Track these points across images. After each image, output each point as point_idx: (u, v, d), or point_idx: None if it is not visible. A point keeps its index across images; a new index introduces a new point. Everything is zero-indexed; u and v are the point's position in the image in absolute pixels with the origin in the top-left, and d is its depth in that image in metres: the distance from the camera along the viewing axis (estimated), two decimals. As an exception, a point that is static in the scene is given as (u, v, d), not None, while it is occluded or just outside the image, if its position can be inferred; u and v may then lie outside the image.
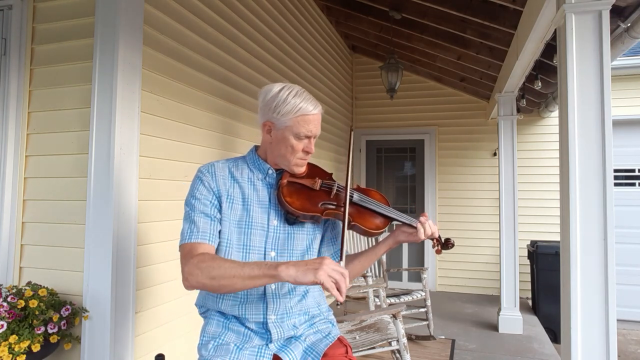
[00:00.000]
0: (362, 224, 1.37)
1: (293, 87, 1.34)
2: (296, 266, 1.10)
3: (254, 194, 1.37)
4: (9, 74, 2.04)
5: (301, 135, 1.32)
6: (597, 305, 1.73)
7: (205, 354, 1.30)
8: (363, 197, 1.41)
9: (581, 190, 1.77)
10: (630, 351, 4.40)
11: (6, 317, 1.62)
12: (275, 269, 1.11)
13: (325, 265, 1.08)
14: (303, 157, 1.37)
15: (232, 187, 1.35)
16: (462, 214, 5.64)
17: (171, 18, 2.28)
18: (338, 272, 1.09)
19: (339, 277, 1.08)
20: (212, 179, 1.34)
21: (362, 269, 1.44)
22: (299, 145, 1.33)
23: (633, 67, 5.16)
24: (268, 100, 1.33)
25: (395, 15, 4.30)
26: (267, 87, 1.36)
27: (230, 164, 1.41)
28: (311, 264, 1.10)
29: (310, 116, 1.31)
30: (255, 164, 1.41)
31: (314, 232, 1.42)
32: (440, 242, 1.43)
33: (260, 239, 1.33)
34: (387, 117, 5.97)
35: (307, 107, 1.31)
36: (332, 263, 1.10)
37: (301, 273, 1.08)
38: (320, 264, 1.08)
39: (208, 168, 1.37)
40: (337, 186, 1.41)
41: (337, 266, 1.11)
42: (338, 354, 1.35)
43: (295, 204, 1.32)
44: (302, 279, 1.08)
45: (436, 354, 3.53)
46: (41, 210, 2.01)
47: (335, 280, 1.08)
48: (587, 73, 1.79)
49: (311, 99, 1.33)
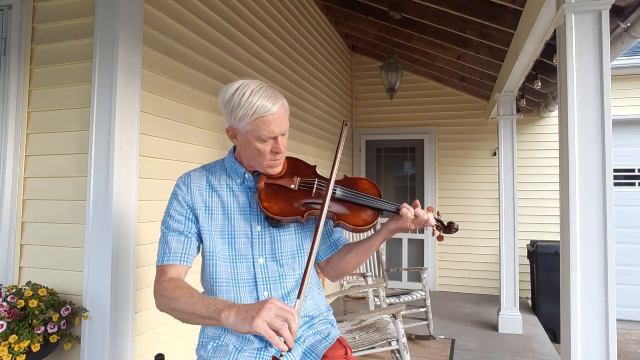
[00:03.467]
0: (348, 222, 1.29)
1: (249, 85, 1.22)
2: (237, 313, 1.02)
3: (234, 201, 1.33)
4: (9, 74, 2.04)
5: (264, 137, 1.22)
6: (597, 305, 1.72)
7: (204, 355, 1.30)
8: (348, 192, 1.32)
9: (581, 190, 1.77)
10: (630, 351, 4.40)
11: (6, 317, 1.62)
12: (219, 314, 1.04)
13: (265, 312, 0.98)
14: (274, 159, 1.28)
15: (209, 197, 1.32)
16: (462, 214, 5.63)
17: (171, 18, 2.28)
18: (281, 318, 0.98)
19: (280, 325, 0.97)
20: (187, 191, 1.32)
21: (359, 261, 1.37)
22: (266, 148, 1.24)
23: (633, 67, 5.16)
24: (225, 105, 1.24)
25: (395, 15, 4.30)
26: (224, 89, 1.25)
27: (208, 172, 1.37)
28: (252, 310, 1.00)
29: (269, 117, 1.19)
30: (233, 169, 1.36)
31: (303, 231, 1.37)
32: (442, 226, 1.33)
33: (246, 247, 1.30)
34: (387, 117, 5.97)
35: (265, 107, 1.19)
36: (275, 307, 0.99)
37: (239, 322, 1.00)
38: (260, 310, 0.98)
39: (184, 179, 1.35)
40: (318, 183, 1.32)
41: (282, 310, 1.00)
42: (338, 355, 1.33)
43: (273, 209, 1.26)
44: (240, 329, 1.00)
45: (436, 354, 3.53)
46: (41, 210, 2.01)
47: (275, 328, 0.97)
48: (587, 73, 1.79)
49: (269, 96, 1.21)
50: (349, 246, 1.42)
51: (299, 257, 1.36)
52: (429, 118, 5.83)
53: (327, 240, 1.44)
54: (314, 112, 4.54)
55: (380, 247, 4.23)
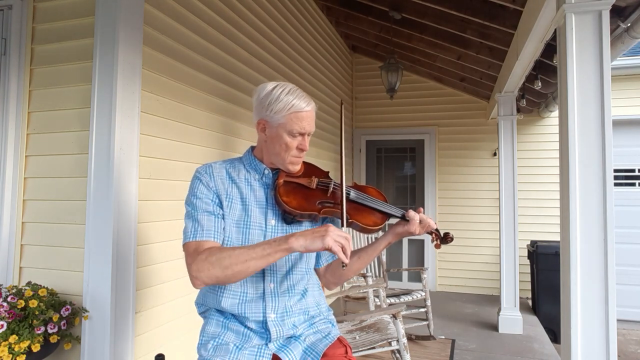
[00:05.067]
0: (359, 221, 1.37)
1: (286, 85, 1.35)
2: (304, 236, 1.16)
3: (252, 195, 1.37)
4: (9, 74, 2.04)
5: (294, 132, 1.32)
6: (597, 305, 1.73)
7: (204, 353, 1.30)
8: (360, 194, 1.42)
9: (581, 190, 1.77)
10: (630, 351, 4.40)
11: (6, 317, 1.62)
12: (286, 241, 1.16)
13: (331, 232, 1.15)
14: (297, 155, 1.36)
15: (230, 187, 1.36)
16: (462, 214, 5.64)
17: (171, 18, 2.28)
18: (343, 237, 1.16)
19: (344, 242, 1.16)
20: (210, 179, 1.34)
21: (361, 266, 1.44)
22: (293, 143, 1.33)
23: (633, 67, 5.16)
24: (262, 99, 1.34)
25: (395, 15, 4.30)
26: (261, 85, 1.37)
27: (227, 164, 1.41)
28: (317, 232, 1.16)
29: (303, 113, 1.31)
30: (252, 165, 1.41)
31: None
32: (438, 236, 1.44)
33: (258, 239, 1.33)
34: (387, 117, 5.97)
35: (300, 104, 1.31)
36: (336, 229, 1.17)
37: (309, 241, 1.15)
38: (326, 231, 1.15)
39: (206, 169, 1.37)
40: (334, 184, 1.40)
41: (341, 232, 1.17)
42: (338, 354, 1.35)
43: (292, 203, 1.33)
44: (311, 247, 1.15)
45: (436, 354, 3.53)
46: (41, 210, 2.01)
47: (341, 244, 1.15)
48: (587, 73, 1.79)
49: (304, 97, 1.34)
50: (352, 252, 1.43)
51: (308, 257, 1.41)
52: (429, 118, 5.83)
53: None
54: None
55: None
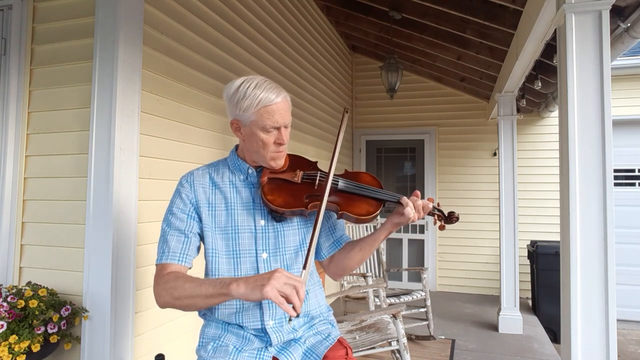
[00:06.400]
0: (351, 212, 1.31)
1: (253, 78, 1.29)
2: (246, 283, 1.07)
3: (237, 197, 1.34)
4: (9, 74, 2.04)
5: (268, 127, 1.26)
6: (597, 305, 1.72)
7: (204, 355, 1.30)
8: (349, 183, 1.35)
9: (581, 190, 1.77)
10: (630, 351, 4.40)
11: (6, 317, 1.62)
12: (228, 287, 1.08)
13: (274, 280, 1.03)
14: (277, 150, 1.31)
15: (212, 194, 1.34)
16: (462, 214, 5.60)
17: (171, 18, 2.28)
18: (289, 286, 1.03)
19: (290, 292, 1.02)
20: (190, 189, 1.33)
21: (363, 257, 1.38)
22: (269, 139, 1.28)
23: (633, 67, 5.16)
24: (230, 97, 1.28)
25: (395, 15, 4.30)
26: (229, 83, 1.31)
27: (211, 169, 1.39)
28: (260, 279, 1.05)
29: (273, 106, 1.24)
30: (236, 165, 1.38)
31: (305, 225, 1.39)
32: (442, 216, 1.35)
33: (249, 242, 1.31)
34: (387, 117, 5.97)
35: (269, 97, 1.24)
36: (283, 276, 1.05)
37: (250, 290, 1.05)
38: (269, 279, 1.03)
39: (187, 177, 1.36)
40: (320, 175, 1.35)
41: (290, 278, 1.05)
42: (338, 355, 1.34)
43: (277, 201, 1.28)
44: (250, 297, 1.05)
45: (436, 354, 3.53)
46: (41, 210, 2.01)
47: (285, 294, 1.02)
48: (587, 73, 1.79)
49: (273, 88, 1.26)
50: (352, 243, 1.42)
51: (302, 251, 1.37)
52: (429, 118, 5.83)
53: (330, 237, 1.45)
54: (314, 112, 4.54)
55: (380, 246, 4.25)
